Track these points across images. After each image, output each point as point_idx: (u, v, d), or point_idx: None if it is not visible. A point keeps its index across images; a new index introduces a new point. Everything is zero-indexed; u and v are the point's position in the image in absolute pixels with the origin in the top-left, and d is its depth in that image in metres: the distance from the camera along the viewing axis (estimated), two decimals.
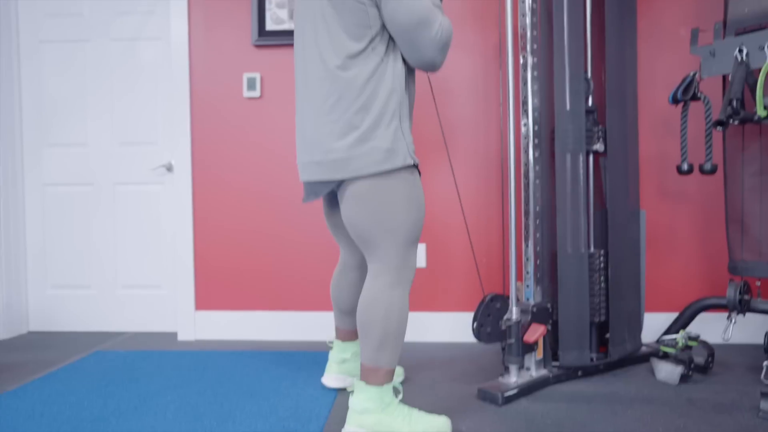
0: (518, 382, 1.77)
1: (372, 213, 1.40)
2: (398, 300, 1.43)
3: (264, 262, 2.54)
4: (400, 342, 1.45)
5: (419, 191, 1.45)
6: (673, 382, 1.88)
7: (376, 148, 1.36)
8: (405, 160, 1.40)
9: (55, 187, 2.75)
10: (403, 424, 1.41)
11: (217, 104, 2.54)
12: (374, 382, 1.42)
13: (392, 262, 1.43)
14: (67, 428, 1.54)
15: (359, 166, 1.37)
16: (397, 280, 1.44)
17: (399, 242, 1.42)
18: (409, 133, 1.44)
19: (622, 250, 1.98)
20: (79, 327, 2.75)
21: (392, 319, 1.42)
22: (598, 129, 1.93)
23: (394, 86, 1.40)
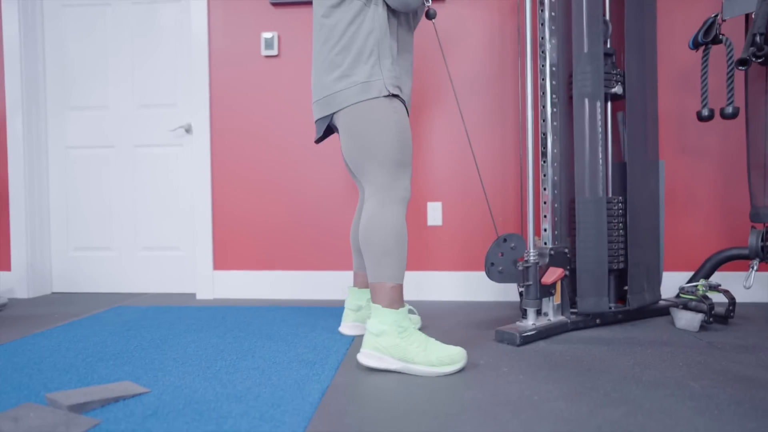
0: (536, 325, 1.77)
1: (357, 140, 1.52)
2: (391, 216, 1.50)
3: (282, 222, 2.57)
4: (400, 258, 1.50)
5: (400, 117, 1.54)
6: (693, 329, 1.87)
7: (355, 82, 1.52)
8: (381, 91, 1.52)
9: (77, 149, 2.81)
10: (418, 351, 1.43)
11: (236, 64, 2.57)
12: (385, 301, 1.47)
13: (381, 182, 1.52)
14: (93, 359, 1.58)
15: (342, 99, 1.53)
16: (388, 198, 1.52)
17: (384, 164, 1.51)
18: (389, 69, 1.54)
19: (642, 197, 1.97)
20: (101, 288, 2.81)
21: (387, 234, 1.49)
22: (617, 72, 1.92)
23: (373, 27, 1.54)
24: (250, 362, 1.54)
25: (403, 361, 1.43)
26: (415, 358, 1.42)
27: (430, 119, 2.48)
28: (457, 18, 2.45)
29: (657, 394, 1.26)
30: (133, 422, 1.12)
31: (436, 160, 2.48)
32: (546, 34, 1.84)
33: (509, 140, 2.44)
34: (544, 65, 1.85)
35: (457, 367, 1.43)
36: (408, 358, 1.43)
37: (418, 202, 2.50)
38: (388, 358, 1.45)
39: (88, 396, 1.22)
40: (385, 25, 1.55)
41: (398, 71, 1.63)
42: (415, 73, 2.49)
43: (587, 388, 1.31)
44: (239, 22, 2.56)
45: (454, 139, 2.47)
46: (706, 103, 1.96)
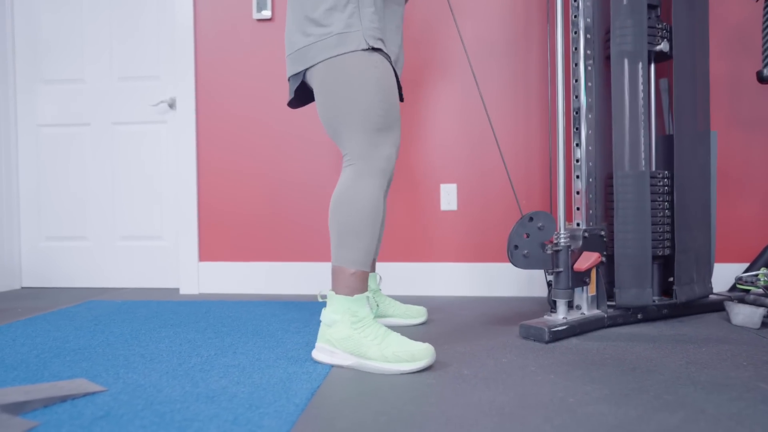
0: (567, 319, 1.61)
1: (331, 100, 1.39)
2: (366, 190, 1.37)
3: (277, 209, 2.43)
4: (364, 239, 1.37)
5: (381, 72, 1.39)
6: (754, 325, 1.70)
7: (329, 33, 1.38)
8: (359, 44, 1.37)
9: (49, 128, 2.69)
10: (372, 344, 1.29)
11: (224, 29, 2.44)
12: (341, 288, 1.36)
13: (358, 150, 1.39)
14: (48, 355, 1.45)
15: (315, 52, 1.39)
16: (364, 169, 1.38)
17: (360, 127, 1.38)
18: (370, 19, 1.40)
19: (690, 172, 1.80)
20: (76, 282, 2.69)
21: (357, 211, 1.36)
22: (663, 26, 1.75)
23: None
24: (229, 359, 1.40)
25: (356, 355, 1.31)
26: (368, 353, 1.29)
27: (442, 91, 2.33)
28: None
29: (721, 397, 1.10)
30: (79, 425, 0.98)
31: (451, 137, 2.33)
32: None
33: (534, 109, 2.28)
34: (578, 16, 1.69)
35: (418, 366, 1.28)
36: (361, 352, 1.30)
37: (431, 184, 2.34)
38: (340, 352, 1.33)
39: (30, 395, 1.09)
40: None
41: (382, 23, 1.48)
42: (424, 39, 2.34)
43: (633, 389, 1.15)
44: None
45: (471, 112, 2.32)
46: (767, 62, 1.79)
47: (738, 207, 2.20)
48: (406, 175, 2.36)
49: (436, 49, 2.33)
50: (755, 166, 2.18)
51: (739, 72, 2.18)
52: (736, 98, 2.18)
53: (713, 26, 2.18)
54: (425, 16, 2.34)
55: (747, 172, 2.18)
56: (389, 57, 1.46)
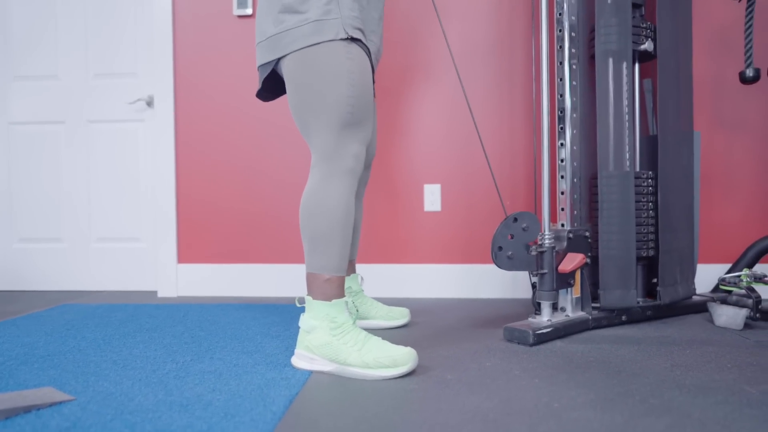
0: (552, 322, 1.59)
1: (300, 92, 1.32)
2: (334, 193, 1.32)
3: (256, 209, 2.38)
4: (337, 245, 1.33)
5: (355, 65, 1.33)
6: (737, 327, 1.69)
7: (305, 19, 1.30)
8: (337, 33, 1.30)
9: (21, 125, 2.61)
10: (352, 350, 1.26)
11: (204, 25, 2.39)
12: (318, 294, 1.32)
13: (325, 148, 1.33)
14: (15, 362, 1.39)
15: (288, 41, 1.31)
16: (332, 170, 1.33)
17: (329, 124, 1.32)
18: (349, 8, 1.33)
19: (674, 173, 1.79)
20: (50, 285, 2.61)
21: (325, 214, 1.31)
22: (647, 26, 1.75)
23: None
24: (206, 364, 1.35)
25: (336, 362, 1.27)
26: (349, 359, 1.26)
27: (427, 90, 2.30)
28: None
29: (707, 401, 1.08)
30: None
31: (435, 137, 2.30)
32: None
33: (519, 109, 2.26)
34: (562, 14, 1.68)
35: (400, 371, 1.24)
36: (341, 358, 1.26)
37: (414, 185, 2.32)
38: (320, 358, 1.29)
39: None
40: None
41: (363, 12, 1.43)
42: (408, 37, 2.31)
43: (619, 393, 1.13)
44: None
45: (455, 112, 2.29)
46: (750, 62, 1.79)
47: (721, 208, 2.20)
48: (389, 176, 2.32)
49: (420, 48, 2.31)
50: (738, 166, 2.19)
51: (722, 72, 2.18)
52: (719, 99, 2.18)
53: (696, 26, 2.19)
54: (409, 13, 2.31)
55: (729, 173, 2.19)
56: (368, 49, 1.42)
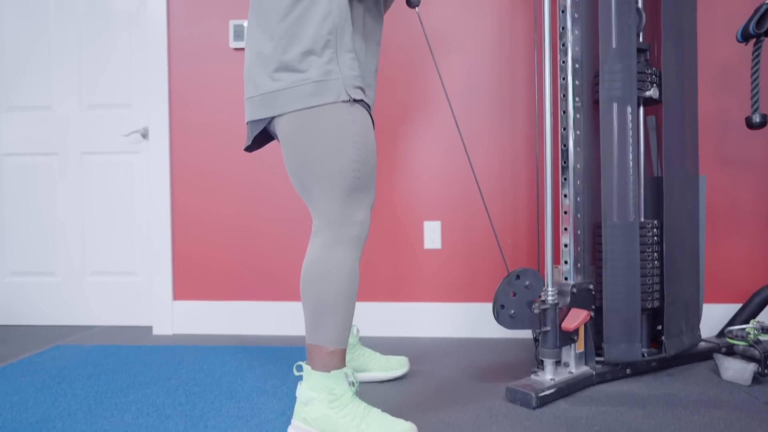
0: (555, 381, 1.55)
1: (301, 156, 1.26)
2: (339, 262, 1.26)
3: (253, 246, 2.34)
4: (342, 316, 1.28)
5: (360, 128, 1.28)
6: (744, 382, 1.65)
7: (305, 80, 1.24)
8: (339, 94, 1.25)
9: (14, 157, 2.56)
10: (351, 425, 1.22)
11: (200, 58, 2.34)
12: (318, 365, 1.27)
13: (329, 216, 1.28)
14: None
15: (285, 100, 1.26)
16: (337, 238, 1.27)
17: (334, 191, 1.26)
18: (349, 67, 1.28)
19: (679, 220, 1.75)
20: (43, 320, 2.57)
21: (329, 284, 1.25)
22: (652, 72, 1.70)
23: (331, 10, 1.26)
24: None
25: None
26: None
27: (426, 125, 2.26)
28: (458, 2, 2.23)
29: None
30: None
31: (434, 173, 2.26)
32: (568, 23, 1.62)
33: (521, 147, 2.21)
34: (566, 62, 1.63)
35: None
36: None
37: (414, 222, 2.27)
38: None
39: None
40: (346, 9, 1.27)
41: (362, 67, 1.38)
42: (408, 68, 2.26)
43: None
44: (204, 7, 2.33)
45: (454, 147, 2.25)
46: (757, 107, 1.75)
47: (726, 247, 2.16)
48: (389, 212, 2.28)
49: (417, 81, 2.26)
50: (742, 206, 2.14)
51: (726, 110, 2.14)
52: (724, 138, 2.14)
53: (700, 63, 2.14)
54: (405, 48, 2.26)
55: (734, 212, 2.15)
56: (368, 106, 1.37)
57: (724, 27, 2.13)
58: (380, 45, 1.47)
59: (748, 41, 1.73)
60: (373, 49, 1.42)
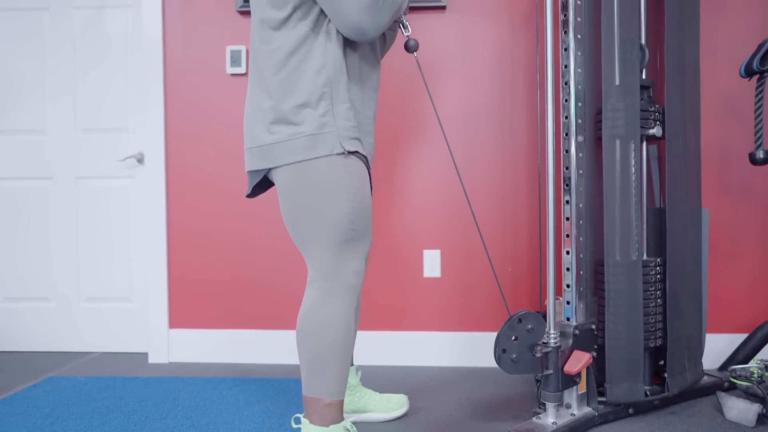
0: (557, 424, 1.52)
1: (294, 207, 1.27)
2: (332, 314, 1.25)
3: (249, 274, 2.30)
4: (338, 367, 1.26)
5: (353, 180, 1.27)
6: (749, 423, 1.63)
7: (300, 133, 1.25)
8: (334, 147, 1.25)
9: (7, 181, 2.52)
10: None
11: (196, 83, 2.31)
12: (316, 420, 1.25)
13: (324, 266, 1.27)
14: None
15: (281, 153, 1.26)
16: (332, 288, 1.27)
17: (329, 242, 1.26)
18: (345, 118, 1.28)
19: (682, 256, 1.73)
20: (37, 346, 2.52)
21: (324, 336, 1.24)
22: (655, 109, 1.68)
23: (325, 62, 1.26)
24: None
25: None
26: None
27: (424, 153, 2.23)
28: (458, 30, 2.20)
29: None
30: None
31: (433, 202, 2.23)
32: (570, 62, 1.59)
33: (522, 178, 2.19)
34: (568, 100, 1.60)
35: None
36: None
37: (414, 250, 2.24)
38: None
39: None
40: (341, 60, 1.27)
41: (360, 116, 1.35)
42: (408, 96, 2.23)
43: None
44: (201, 33, 2.30)
45: (454, 176, 2.22)
46: (761, 143, 1.73)
47: (727, 277, 2.14)
48: (388, 242, 2.25)
49: (417, 110, 2.23)
50: (745, 235, 2.12)
51: (727, 140, 2.12)
52: (725, 167, 2.12)
53: (702, 92, 2.12)
54: (406, 75, 2.23)
55: (736, 242, 2.13)
56: (365, 156, 1.35)
57: (726, 55, 2.11)
58: (378, 90, 1.45)
59: (752, 77, 1.71)
60: (370, 95, 1.41)
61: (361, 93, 1.36)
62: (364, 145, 1.36)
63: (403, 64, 2.23)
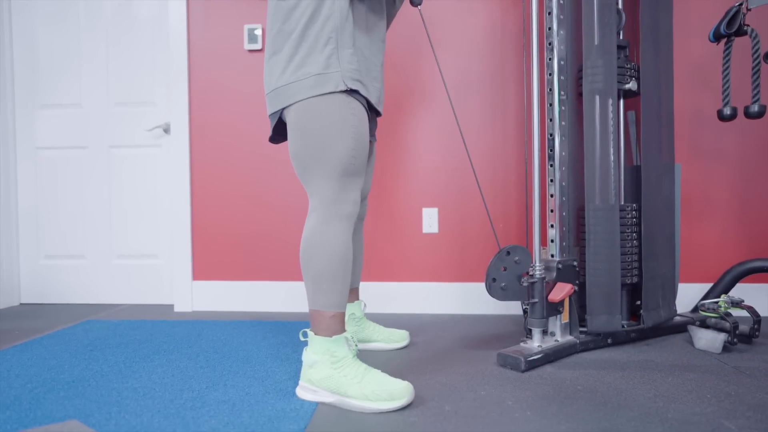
0: (542, 347, 1.59)
1: (302, 140, 1.32)
2: (335, 236, 1.32)
3: (267, 229, 2.38)
4: (339, 283, 1.33)
5: (356, 119, 1.34)
6: (715, 350, 1.69)
7: (308, 73, 1.31)
8: (337, 85, 1.31)
9: (48, 150, 2.61)
10: (352, 383, 1.26)
11: (217, 59, 2.38)
12: (321, 330, 1.32)
13: (326, 195, 1.33)
14: (42, 389, 1.39)
15: (292, 92, 1.32)
16: (332, 214, 1.33)
17: (332, 172, 1.32)
18: (349, 61, 1.34)
19: (656, 204, 1.79)
20: (74, 299, 2.61)
21: (325, 255, 1.31)
22: (631, 66, 1.74)
23: (332, 12, 1.32)
24: (220, 393, 1.35)
25: (337, 393, 1.27)
26: (349, 391, 1.26)
27: (424, 118, 2.30)
28: (453, 6, 2.27)
29: None
30: None
31: (431, 163, 2.30)
32: (554, 24, 1.65)
33: (511, 140, 2.26)
34: (552, 59, 1.67)
35: (397, 404, 1.24)
36: (341, 390, 1.26)
37: (413, 208, 2.31)
38: (322, 390, 1.29)
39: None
40: (347, 9, 1.33)
41: (362, 64, 1.41)
42: (404, 66, 2.30)
43: (605, 428, 1.13)
44: (221, 13, 2.37)
45: (450, 140, 2.29)
46: (728, 101, 1.78)
47: (699, 231, 2.20)
48: (390, 200, 2.32)
49: (417, 77, 2.30)
50: (715, 193, 2.18)
51: (700, 105, 2.17)
52: (698, 130, 2.18)
53: (676, 62, 2.18)
54: (407, 43, 2.30)
55: (707, 199, 2.18)
56: (366, 99, 1.42)
57: (698, 28, 2.16)
58: (385, 42, 1.52)
59: (719, 41, 1.77)
60: (378, 45, 1.47)
61: (369, 41, 1.43)
62: (369, 89, 1.43)
63: (405, 32, 2.30)
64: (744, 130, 2.16)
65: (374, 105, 1.45)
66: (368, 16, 1.42)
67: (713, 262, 2.19)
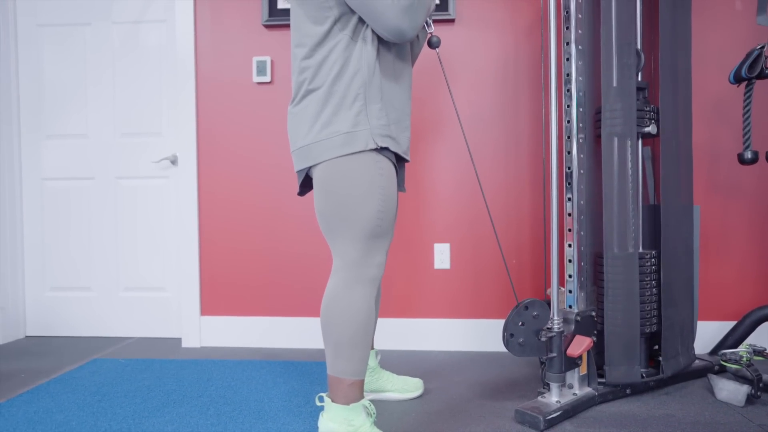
0: (561, 403, 1.54)
1: (329, 200, 1.28)
2: (357, 300, 1.27)
3: (277, 263, 2.34)
4: (359, 350, 1.28)
5: (384, 180, 1.29)
6: (738, 403, 1.64)
7: (336, 131, 1.27)
8: (367, 143, 1.27)
9: (54, 181, 2.57)
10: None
11: (225, 91, 2.34)
12: (339, 398, 1.27)
13: (350, 257, 1.29)
14: None
15: (320, 151, 1.28)
16: (356, 278, 1.29)
17: (357, 235, 1.28)
18: (377, 116, 1.29)
19: (675, 249, 1.74)
20: (80, 332, 2.58)
21: (346, 322, 1.26)
22: (650, 109, 1.69)
23: (360, 66, 1.28)
24: None
25: None
26: None
27: (437, 152, 2.25)
28: (466, 40, 2.22)
29: None
30: None
31: (444, 198, 2.25)
32: (572, 70, 1.60)
33: (524, 182, 2.21)
34: (570, 105, 1.62)
35: None
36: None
37: (425, 244, 2.26)
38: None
39: None
40: (374, 63, 1.28)
41: (392, 116, 1.36)
42: (419, 100, 2.26)
43: None
44: (229, 45, 2.33)
45: (463, 175, 2.24)
46: (749, 144, 1.73)
47: (718, 268, 2.14)
48: (402, 235, 2.27)
49: (430, 109, 2.25)
50: (733, 229, 2.13)
51: (717, 141, 2.12)
52: (715, 166, 2.12)
53: (694, 97, 2.12)
54: (420, 81, 2.25)
55: (725, 236, 2.13)
56: (394, 155, 1.37)
57: (716, 63, 2.11)
58: (410, 86, 1.46)
59: (740, 84, 1.71)
60: (407, 93, 1.42)
61: (399, 89, 1.37)
62: (400, 141, 1.37)
63: (419, 67, 2.25)
64: (762, 165, 2.10)
65: (402, 155, 1.40)
66: (395, 64, 1.37)
67: (732, 300, 2.14)
